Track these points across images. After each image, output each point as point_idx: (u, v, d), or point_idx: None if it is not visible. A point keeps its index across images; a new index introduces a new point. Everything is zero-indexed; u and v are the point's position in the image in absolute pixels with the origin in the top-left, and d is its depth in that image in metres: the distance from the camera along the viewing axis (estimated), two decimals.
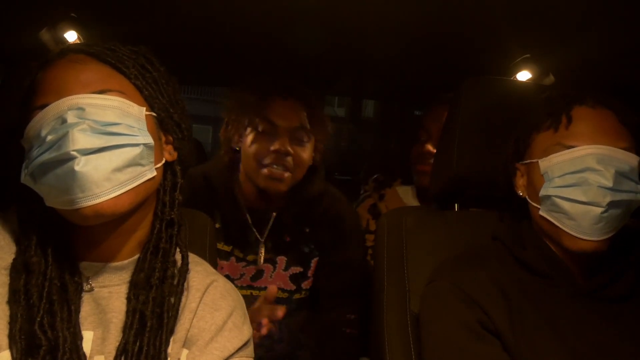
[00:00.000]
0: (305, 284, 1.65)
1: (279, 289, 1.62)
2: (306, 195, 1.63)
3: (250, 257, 1.61)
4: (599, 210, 0.97)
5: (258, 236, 1.61)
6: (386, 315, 1.18)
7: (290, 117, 1.54)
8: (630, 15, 1.35)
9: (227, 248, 1.60)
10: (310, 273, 1.65)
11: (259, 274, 1.62)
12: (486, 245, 1.16)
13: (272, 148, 1.51)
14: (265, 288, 1.62)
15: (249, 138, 1.55)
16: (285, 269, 1.63)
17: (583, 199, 0.98)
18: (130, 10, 1.53)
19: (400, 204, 1.90)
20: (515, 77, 1.74)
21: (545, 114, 1.07)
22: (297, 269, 1.64)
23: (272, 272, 1.62)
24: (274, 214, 1.62)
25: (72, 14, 1.56)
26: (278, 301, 1.61)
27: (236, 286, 1.57)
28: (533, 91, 1.36)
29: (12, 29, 1.57)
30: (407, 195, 1.97)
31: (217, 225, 1.59)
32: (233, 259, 1.60)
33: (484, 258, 1.11)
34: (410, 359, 1.13)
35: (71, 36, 1.64)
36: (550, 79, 1.76)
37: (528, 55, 1.68)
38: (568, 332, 1.01)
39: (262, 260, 1.61)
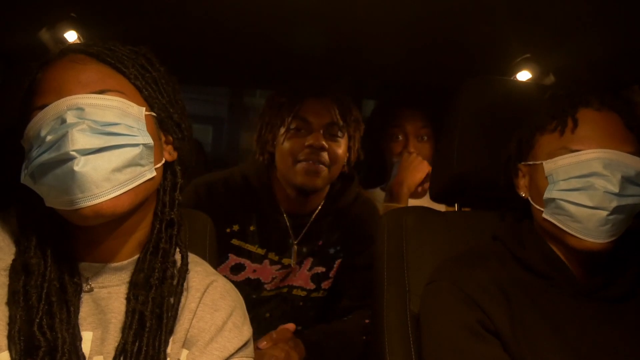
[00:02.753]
0: (325, 284, 1.66)
1: (299, 287, 1.64)
2: (343, 203, 1.65)
3: (285, 261, 1.62)
4: (605, 213, 0.97)
5: (293, 239, 1.61)
6: (386, 315, 1.18)
7: (323, 113, 1.55)
8: (630, 15, 1.35)
9: (261, 251, 1.60)
10: (332, 273, 1.65)
11: (286, 275, 1.63)
12: (486, 245, 1.15)
13: (306, 143, 1.52)
14: (289, 287, 1.63)
15: (283, 137, 1.56)
16: (310, 269, 1.64)
17: (589, 203, 0.98)
18: (130, 10, 1.53)
19: None
20: (515, 77, 1.74)
21: (550, 116, 1.06)
22: (320, 269, 1.65)
23: (297, 272, 1.63)
24: (312, 218, 1.63)
25: (72, 14, 1.56)
26: (295, 299, 1.64)
27: (265, 290, 1.59)
28: (533, 91, 1.36)
29: (11, 29, 1.57)
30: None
31: (252, 228, 1.59)
32: (267, 262, 1.60)
33: (484, 258, 1.10)
34: (410, 359, 1.13)
35: (71, 36, 1.64)
36: (550, 79, 1.75)
37: (528, 55, 1.68)
38: (569, 332, 1.01)
39: (294, 263, 1.62)
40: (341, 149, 1.57)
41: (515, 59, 1.70)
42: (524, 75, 1.74)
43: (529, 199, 1.10)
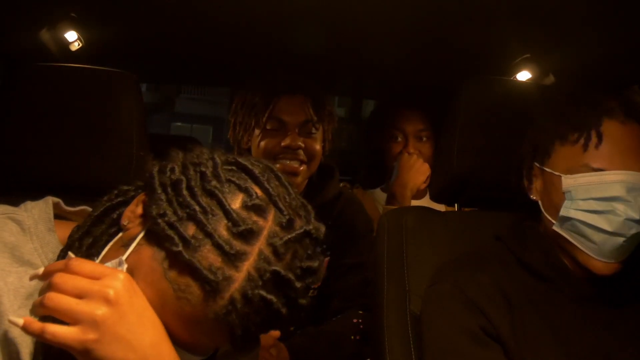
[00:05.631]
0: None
1: None
2: (322, 199, 1.64)
3: None
4: (622, 240, 0.95)
5: None
6: (386, 315, 1.17)
7: (297, 112, 1.54)
8: (630, 16, 1.35)
9: None
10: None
11: None
12: (488, 246, 1.15)
13: (283, 144, 1.52)
14: None
15: (258, 137, 1.56)
16: None
17: (608, 228, 0.95)
18: (130, 10, 1.53)
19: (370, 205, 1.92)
20: (515, 77, 1.74)
21: (573, 126, 1.01)
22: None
23: None
24: None
25: (72, 14, 1.56)
26: None
27: None
28: (533, 91, 1.36)
29: (12, 29, 1.58)
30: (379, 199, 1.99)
31: None
32: None
33: (486, 260, 1.09)
34: (410, 359, 1.13)
35: (71, 36, 1.65)
36: (550, 79, 1.76)
37: (528, 55, 1.68)
38: (570, 337, 1.00)
39: None
40: (318, 143, 1.57)
41: (515, 59, 1.70)
42: (524, 75, 1.74)
43: (540, 203, 1.08)
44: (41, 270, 0.67)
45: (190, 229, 0.64)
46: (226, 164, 0.71)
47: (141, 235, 0.69)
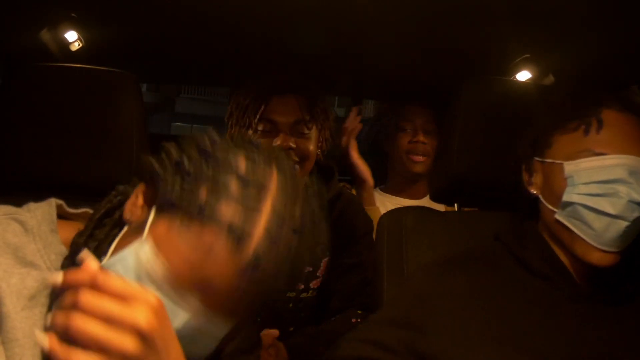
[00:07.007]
0: (314, 283, 1.65)
1: None
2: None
3: None
4: (625, 224, 0.94)
5: None
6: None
7: (288, 112, 1.54)
8: (629, 16, 1.35)
9: None
10: (319, 272, 1.65)
11: None
12: (487, 245, 1.14)
13: (273, 145, 1.52)
14: None
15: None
16: None
17: (611, 211, 0.95)
18: (130, 10, 1.53)
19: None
20: (515, 77, 1.74)
21: (572, 115, 1.03)
22: (306, 268, 1.64)
23: None
24: None
25: (73, 14, 1.56)
26: (285, 301, 1.62)
27: None
28: (533, 91, 1.37)
29: (12, 29, 1.58)
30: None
31: None
32: None
33: (477, 260, 1.09)
34: None
35: (71, 36, 1.65)
36: (550, 79, 1.76)
37: (528, 55, 1.69)
38: (570, 336, 0.99)
39: None
40: (311, 143, 1.57)
41: (515, 59, 1.71)
42: (523, 76, 1.74)
43: (540, 197, 1.07)
44: (60, 277, 0.65)
45: (202, 194, 0.66)
46: (221, 140, 0.74)
47: (152, 214, 0.70)
